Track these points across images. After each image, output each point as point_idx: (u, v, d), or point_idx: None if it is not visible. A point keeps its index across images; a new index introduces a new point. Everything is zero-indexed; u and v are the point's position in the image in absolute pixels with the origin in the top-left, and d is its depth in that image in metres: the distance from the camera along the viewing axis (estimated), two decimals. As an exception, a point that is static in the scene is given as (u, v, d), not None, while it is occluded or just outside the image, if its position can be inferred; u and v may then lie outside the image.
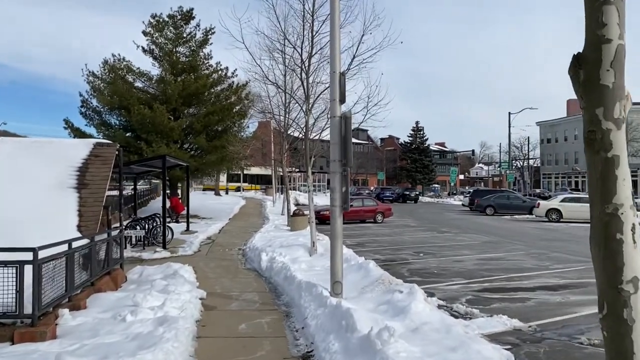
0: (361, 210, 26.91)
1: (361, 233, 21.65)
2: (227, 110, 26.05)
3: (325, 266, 10.87)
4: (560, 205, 29.24)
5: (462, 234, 21.53)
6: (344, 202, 7.69)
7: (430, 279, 11.05)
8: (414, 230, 23.18)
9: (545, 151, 74.86)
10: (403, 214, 35.54)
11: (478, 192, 43.46)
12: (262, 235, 17.69)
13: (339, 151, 7.67)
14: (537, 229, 24.89)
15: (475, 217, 32.91)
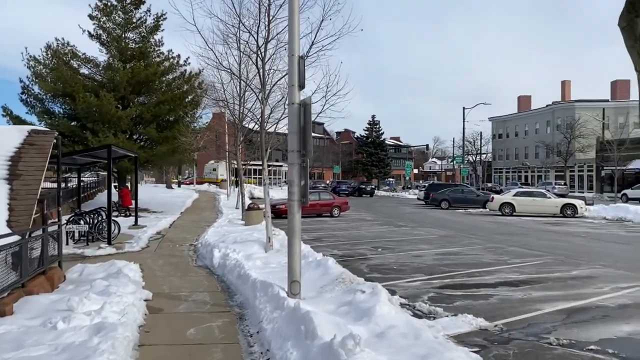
0: (318, 204, 26.62)
1: (318, 227, 21.36)
2: (178, 99, 25.17)
3: (281, 263, 10.40)
4: (513, 199, 29.76)
5: (419, 228, 21.54)
6: (303, 196, 7.20)
7: (390, 276, 10.75)
8: (371, 224, 23.06)
9: (497, 146, 76.80)
10: (359, 207, 35.49)
11: (433, 186, 43.93)
12: (215, 230, 17.13)
13: (298, 141, 7.18)
14: (492, 222, 25.21)
15: (431, 211, 33.17)
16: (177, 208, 27.88)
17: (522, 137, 70.76)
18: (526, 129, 70.91)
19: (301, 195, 7.35)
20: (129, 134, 25.35)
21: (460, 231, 20.47)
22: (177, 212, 25.97)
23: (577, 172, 60.58)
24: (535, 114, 69.34)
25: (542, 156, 63.97)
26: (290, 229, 7.45)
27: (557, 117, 63.91)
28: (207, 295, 8.98)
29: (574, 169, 60.29)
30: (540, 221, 26.05)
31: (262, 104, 12.85)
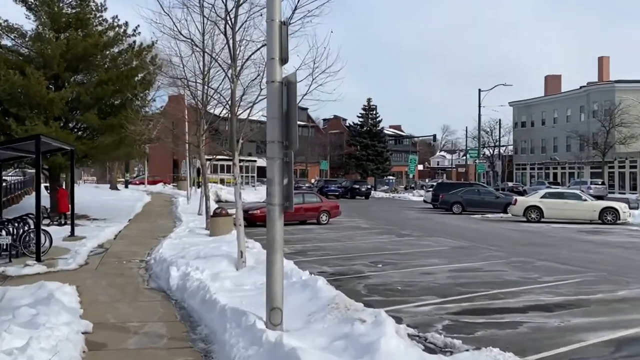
0: (302, 208, 26.55)
1: (302, 237, 21.29)
2: (126, 78, 24.86)
3: (257, 284, 10.22)
4: (540, 202, 29.96)
5: (427, 238, 21.58)
6: (286, 199, 7.05)
7: (395, 298, 10.64)
8: (367, 234, 23.03)
9: (520, 137, 77.47)
10: (353, 212, 35.47)
11: (442, 185, 44.12)
12: (172, 242, 16.96)
13: (280, 129, 7.02)
14: (516, 230, 25.29)
15: (440, 216, 33.24)
16: (125, 214, 27.61)
17: (551, 125, 71.40)
18: (555, 115, 71.58)
19: (284, 197, 7.20)
20: (64, 122, 24.99)
21: (477, 241, 20.48)
22: (124, 219, 25.71)
23: (617, 169, 61.20)
24: (566, 97, 69.96)
25: (575, 149, 64.47)
26: (270, 241, 7.27)
27: (593, 102, 64.48)
28: (163, 326, 8.76)
29: (614, 165, 60.90)
30: (574, 229, 26.22)
31: (232, 83, 12.63)
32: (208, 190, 23.63)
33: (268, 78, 7.15)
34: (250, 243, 15.01)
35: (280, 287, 7.19)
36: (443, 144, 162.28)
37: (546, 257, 16.41)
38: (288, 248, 17.44)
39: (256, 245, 14.75)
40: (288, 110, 7.01)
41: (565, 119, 69.35)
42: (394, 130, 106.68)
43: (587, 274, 13.50)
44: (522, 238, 22.26)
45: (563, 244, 20.10)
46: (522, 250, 18.21)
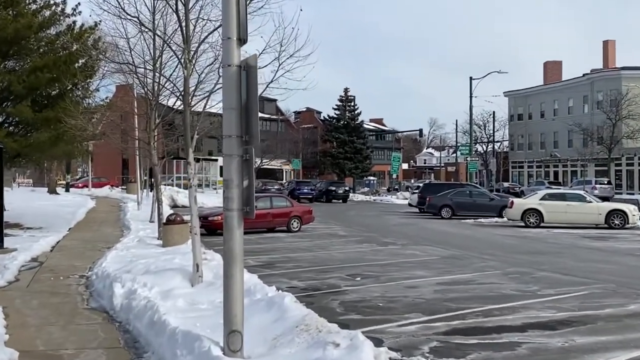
0: (269, 214, 26.43)
1: (270, 247, 21.20)
2: (65, 64, 24.40)
3: (215, 302, 10.02)
4: (540, 204, 30.21)
5: (413, 246, 21.60)
6: (246, 203, 6.89)
7: (375, 317, 10.53)
8: (345, 242, 22.97)
9: (516, 131, 78.34)
10: (328, 218, 35.45)
11: (430, 187, 44.37)
12: (118, 255, 16.72)
13: (238, 121, 6.87)
14: (513, 237, 25.43)
15: (428, 222, 33.33)
16: (64, 222, 27.19)
17: (550, 118, 72.34)
18: (555, 107, 72.54)
19: (243, 202, 7.04)
20: (-9, 115, 24.49)
21: (469, 250, 20.55)
22: (63, 228, 25.32)
23: (625, 166, 62.17)
24: (567, 86, 70.92)
25: (578, 144, 65.34)
26: (228, 252, 7.12)
27: (597, 91, 65.39)
28: (103, 354, 8.51)
29: (621, 162, 61.85)
30: (577, 234, 26.47)
31: (185, 69, 12.40)
32: (161, 194, 23.33)
33: (224, 61, 6.99)
34: (208, 254, 14.79)
35: (240, 307, 7.02)
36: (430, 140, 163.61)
37: (547, 267, 16.49)
38: (252, 260, 17.31)
39: (216, 257, 14.55)
40: (248, 99, 6.85)
41: (566, 111, 70.26)
42: (375, 125, 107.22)
43: (593, 286, 13.55)
44: (519, 245, 22.35)
45: (566, 252, 20.23)
46: (519, 259, 18.28)
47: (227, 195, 7.01)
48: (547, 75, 77.30)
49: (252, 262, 16.83)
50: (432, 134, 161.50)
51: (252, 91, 6.84)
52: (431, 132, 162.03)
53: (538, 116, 75.10)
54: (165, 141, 28.01)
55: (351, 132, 78.32)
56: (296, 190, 54.50)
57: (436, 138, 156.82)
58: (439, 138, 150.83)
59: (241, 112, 6.89)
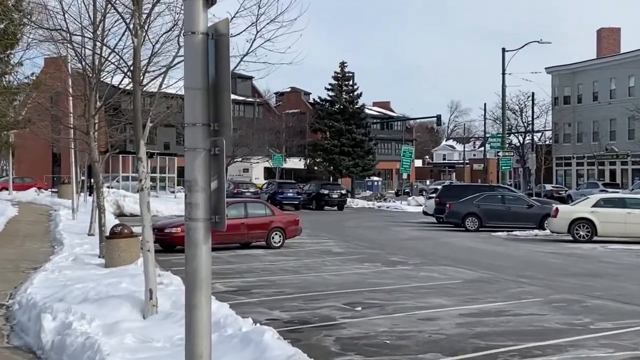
0: (243, 224, 26.39)
1: (245, 268, 21.21)
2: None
3: (174, 339, 10.03)
4: (592, 212, 30.25)
5: (429, 267, 21.63)
6: (216, 211, 6.89)
7: (381, 357, 10.59)
8: (341, 261, 22.99)
9: (562, 118, 78.47)
10: (319, 230, 35.53)
11: (450, 189, 44.41)
12: (48, 278, 16.63)
13: (204, 105, 6.87)
14: (557, 254, 25.50)
15: (448, 235, 33.40)
16: (-24, 236, 27.00)
17: (606, 101, 72.53)
18: (612, 87, 72.83)
19: (211, 209, 7.04)
20: None
21: (501, 271, 20.61)
22: (-25, 243, 25.13)
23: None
24: (628, 60, 71.11)
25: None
26: (191, 275, 7.09)
27: (666, 67, 65.71)
28: (30, 405, 8.47)
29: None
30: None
31: (136, 37, 12.38)
32: (103, 199, 23.21)
33: (186, 27, 6.98)
34: (165, 277, 14.79)
35: (206, 345, 7.02)
36: (451, 130, 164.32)
37: (602, 294, 16.51)
38: (222, 284, 17.31)
39: (175, 281, 14.54)
40: (217, 77, 6.83)
41: (626, 92, 70.46)
42: (380, 110, 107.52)
43: (661, 318, 13.60)
44: (566, 265, 22.39)
45: (626, 274, 20.27)
46: (566, 283, 18.33)
47: (190, 201, 7.00)
48: (601, 47, 77.54)
49: (222, 287, 16.77)
50: (454, 121, 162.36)
51: (223, 66, 6.82)
52: (452, 120, 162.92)
53: (590, 99, 75.24)
54: (109, 131, 27.95)
55: (349, 119, 78.15)
56: (278, 194, 54.42)
57: (458, 127, 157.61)
58: (461, 127, 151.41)
59: (208, 94, 6.87)
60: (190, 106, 6.94)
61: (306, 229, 30.76)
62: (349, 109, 78.20)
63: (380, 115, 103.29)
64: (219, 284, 16.95)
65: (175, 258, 21.62)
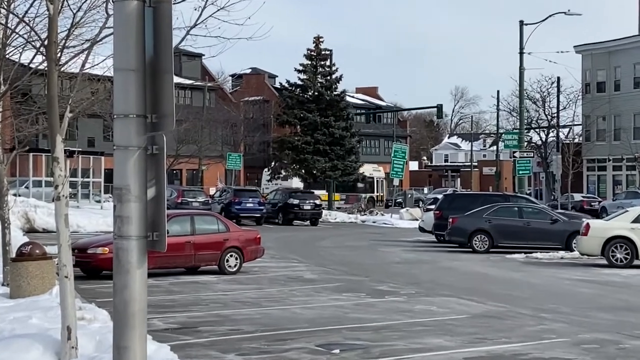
0: (190, 244, 26.29)
1: (191, 299, 21.22)
2: None
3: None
4: (633, 230, 30.31)
5: (426, 298, 21.67)
6: (154, 227, 6.89)
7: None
8: (314, 291, 23.01)
9: (595, 110, 78.70)
10: (287, 251, 35.56)
11: (454, 200, 44.57)
12: None
13: (140, 91, 6.85)
14: (588, 283, 25.58)
15: (450, 257, 33.53)
16: None
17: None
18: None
19: (148, 224, 7.03)
20: None
21: (517, 304, 20.65)
22: None
23: None
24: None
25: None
26: (122, 308, 7.08)
27: None
28: None
29: None
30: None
31: (52, 4, 12.33)
32: (8, 210, 23.03)
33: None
34: (88, 310, 14.73)
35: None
36: (455, 124, 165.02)
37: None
38: (162, 320, 17.25)
39: (100, 316, 14.47)
40: (157, 54, 6.82)
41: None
42: (365, 98, 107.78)
43: None
44: (599, 296, 22.45)
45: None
46: (600, 319, 18.32)
47: (121, 214, 6.97)
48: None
49: (161, 323, 16.68)
50: (459, 113, 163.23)
51: (164, 41, 6.80)
52: (456, 111, 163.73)
53: (630, 85, 75.58)
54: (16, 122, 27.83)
55: (325, 109, 78.05)
56: (234, 204, 54.40)
57: (464, 120, 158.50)
58: (468, 120, 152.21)
59: (145, 76, 6.85)
60: (121, 92, 6.90)
61: (270, 249, 30.70)
62: (325, 96, 78.09)
63: (366, 105, 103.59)
64: (158, 320, 16.88)
65: (101, 286, 21.54)
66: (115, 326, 7.16)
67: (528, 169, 61.22)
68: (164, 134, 6.92)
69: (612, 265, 29.83)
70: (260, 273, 26.92)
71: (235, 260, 27.12)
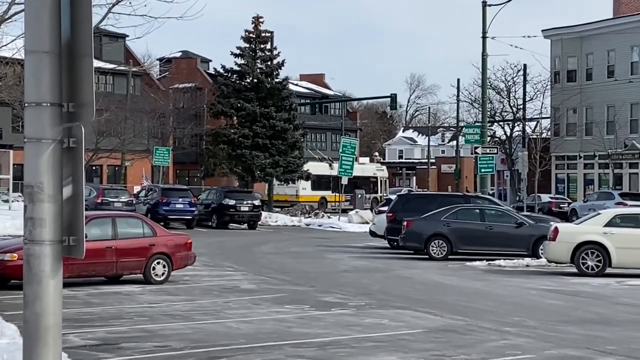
0: (111, 249, 26.12)
1: (112, 312, 21.01)
2: None
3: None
4: (606, 234, 30.56)
5: (378, 310, 21.67)
6: (70, 231, 6.82)
7: None
8: (252, 302, 22.98)
9: (565, 102, 79.20)
10: (222, 257, 35.54)
11: (409, 201, 44.71)
12: None
13: (54, 76, 6.78)
14: (556, 293, 25.79)
15: (405, 265, 33.69)
16: None
17: (626, 78, 73.48)
18: (635, 58, 74.01)
19: (64, 227, 6.98)
20: None
21: (478, 316, 20.79)
22: None
23: None
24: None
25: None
26: (33, 322, 6.98)
27: None
28: None
29: None
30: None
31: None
32: None
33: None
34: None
35: None
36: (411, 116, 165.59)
37: (616, 348, 16.68)
38: (79, 335, 17.09)
39: (8, 331, 14.37)
40: (74, 35, 6.77)
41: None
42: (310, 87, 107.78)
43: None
44: (568, 308, 22.64)
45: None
46: (568, 333, 18.48)
47: (33, 215, 6.90)
48: (620, 2, 78.83)
49: (78, 339, 16.49)
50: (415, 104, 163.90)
51: (83, 19, 6.75)
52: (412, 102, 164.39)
53: (603, 75, 76.16)
54: None
55: (266, 98, 77.95)
56: (162, 205, 54.23)
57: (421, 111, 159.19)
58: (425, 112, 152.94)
59: (61, 59, 6.80)
60: (33, 77, 6.83)
61: (202, 256, 30.63)
62: (265, 84, 78.04)
63: (311, 94, 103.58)
64: (74, 336, 16.71)
65: (10, 297, 21.37)
66: (26, 343, 7.08)
67: (491, 166, 61.53)
68: (82, 125, 6.85)
69: (583, 274, 30.03)
70: (192, 283, 26.82)
71: (163, 268, 26.96)
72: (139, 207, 53.60)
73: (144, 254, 26.80)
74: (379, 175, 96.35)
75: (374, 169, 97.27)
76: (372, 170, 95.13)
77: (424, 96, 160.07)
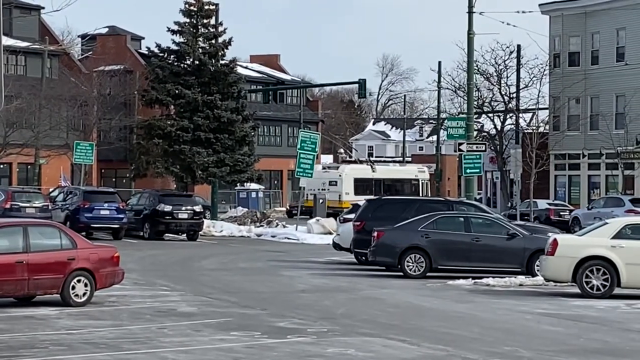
0: (19, 264, 25.92)
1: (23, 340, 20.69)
2: None
3: None
4: (614, 248, 30.59)
5: (341, 338, 21.65)
6: None
7: None
8: (192, 329, 22.90)
9: (566, 90, 79.16)
10: (156, 274, 35.61)
11: (380, 207, 44.62)
12: None
13: None
14: (555, 317, 25.84)
15: (375, 284, 33.71)
16: None
17: (636, 61, 73.56)
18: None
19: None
20: None
21: (463, 345, 20.73)
22: None
23: None
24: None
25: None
26: None
27: None
28: None
29: None
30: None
31: None
32: None
33: None
34: None
35: None
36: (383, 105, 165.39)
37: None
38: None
39: None
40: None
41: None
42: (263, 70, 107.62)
43: None
44: (569, 336, 22.66)
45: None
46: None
47: None
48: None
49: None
50: (387, 91, 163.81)
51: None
52: (385, 88, 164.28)
53: (612, 58, 76.31)
54: None
55: (209, 83, 77.66)
56: (84, 211, 54.04)
57: (395, 100, 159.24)
58: (400, 100, 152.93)
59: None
60: None
61: (132, 272, 30.57)
62: (209, 67, 77.76)
63: (264, 79, 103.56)
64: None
65: None
66: None
67: (478, 166, 61.58)
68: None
69: (586, 295, 30.10)
70: (119, 304, 26.73)
71: (85, 287, 26.77)
72: (56, 213, 53.38)
73: (62, 270, 26.57)
74: (420, 177, 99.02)
75: (416, 170, 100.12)
76: (413, 172, 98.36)
77: (399, 82, 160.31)
